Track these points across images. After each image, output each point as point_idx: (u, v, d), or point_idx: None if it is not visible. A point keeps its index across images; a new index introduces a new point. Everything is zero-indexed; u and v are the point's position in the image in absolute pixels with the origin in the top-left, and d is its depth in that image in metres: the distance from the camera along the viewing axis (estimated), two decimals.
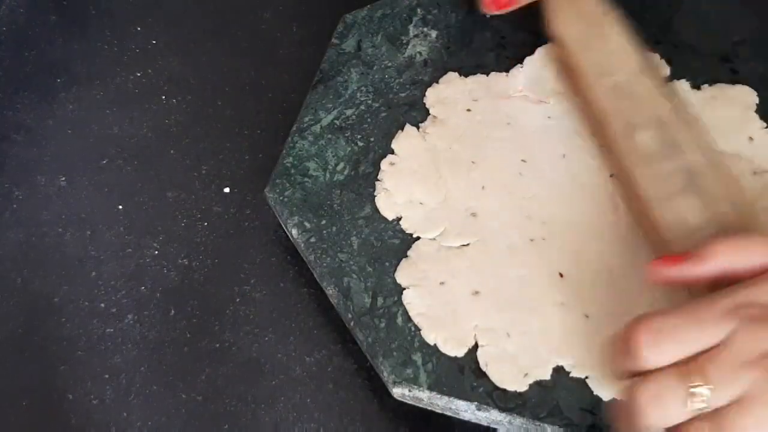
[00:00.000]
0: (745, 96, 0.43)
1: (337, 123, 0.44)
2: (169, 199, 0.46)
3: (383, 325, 0.37)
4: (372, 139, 0.43)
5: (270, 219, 0.44)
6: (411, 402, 0.37)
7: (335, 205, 0.41)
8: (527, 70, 0.45)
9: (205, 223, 0.45)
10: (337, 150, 0.43)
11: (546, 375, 0.36)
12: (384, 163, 0.42)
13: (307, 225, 0.41)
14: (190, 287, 0.43)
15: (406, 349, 0.37)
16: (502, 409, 0.35)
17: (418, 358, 0.36)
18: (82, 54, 0.53)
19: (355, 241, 0.40)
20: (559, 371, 0.36)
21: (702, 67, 0.45)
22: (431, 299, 0.38)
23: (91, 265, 0.44)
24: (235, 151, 0.48)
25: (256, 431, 0.39)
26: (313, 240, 0.40)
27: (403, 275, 0.39)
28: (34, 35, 0.54)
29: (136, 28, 0.54)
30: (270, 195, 0.42)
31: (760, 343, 0.29)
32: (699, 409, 0.28)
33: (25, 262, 0.44)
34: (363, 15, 0.48)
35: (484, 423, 0.36)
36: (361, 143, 0.43)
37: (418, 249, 0.39)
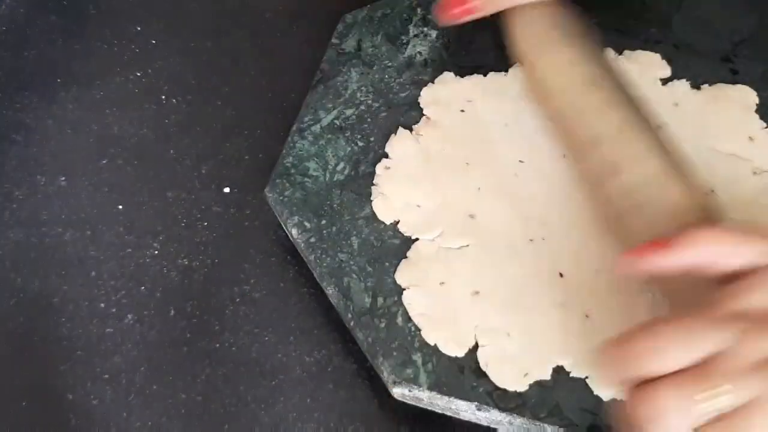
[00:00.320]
0: (745, 96, 0.43)
1: (337, 123, 0.44)
2: (169, 199, 0.46)
3: (383, 325, 0.37)
4: (372, 139, 0.43)
5: (270, 219, 0.44)
6: (411, 402, 0.37)
7: (335, 205, 0.41)
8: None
9: (205, 223, 0.45)
10: (337, 150, 0.43)
11: (546, 375, 0.36)
12: (379, 167, 0.42)
13: (307, 225, 0.41)
14: (190, 287, 0.43)
15: (406, 349, 0.37)
16: (502, 409, 0.35)
17: (418, 358, 0.36)
18: (82, 54, 0.53)
19: (355, 241, 0.40)
20: (559, 371, 0.36)
21: (702, 67, 0.45)
22: (431, 299, 0.38)
23: (91, 265, 0.44)
24: (235, 151, 0.48)
25: (256, 431, 0.39)
26: (313, 240, 0.40)
27: (403, 276, 0.39)
28: (34, 35, 0.54)
29: (136, 28, 0.54)
30: (270, 195, 0.42)
31: (765, 349, 0.28)
32: (706, 418, 0.27)
33: (25, 262, 0.44)
34: (363, 15, 0.48)
35: (484, 423, 0.36)
36: (361, 143, 0.43)
37: (418, 249, 0.39)
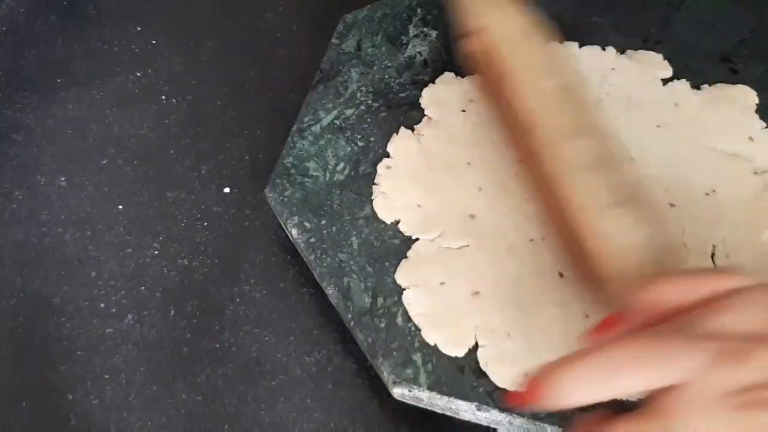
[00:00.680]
0: (745, 96, 0.43)
1: (337, 123, 0.44)
2: (169, 199, 0.46)
3: (383, 325, 0.37)
4: (372, 139, 0.43)
5: (270, 219, 0.44)
6: (411, 402, 0.37)
7: (335, 205, 0.41)
8: None
9: (205, 223, 0.45)
10: (337, 150, 0.43)
11: None
12: (380, 167, 0.42)
13: (307, 225, 0.41)
14: (190, 287, 0.43)
15: (406, 349, 0.37)
16: (502, 409, 0.35)
17: (418, 358, 0.36)
18: (82, 54, 0.53)
19: (355, 241, 0.40)
20: None
21: (702, 67, 0.45)
22: (431, 299, 0.38)
23: (91, 265, 0.44)
24: (235, 151, 0.48)
25: (256, 431, 0.39)
26: (313, 240, 0.40)
27: (403, 276, 0.39)
28: (34, 35, 0.54)
29: (136, 28, 0.54)
30: (270, 195, 0.42)
31: (733, 380, 0.26)
32: None
33: (25, 262, 0.44)
34: (363, 15, 0.48)
35: (484, 423, 0.36)
36: (361, 143, 0.43)
37: (418, 249, 0.39)
